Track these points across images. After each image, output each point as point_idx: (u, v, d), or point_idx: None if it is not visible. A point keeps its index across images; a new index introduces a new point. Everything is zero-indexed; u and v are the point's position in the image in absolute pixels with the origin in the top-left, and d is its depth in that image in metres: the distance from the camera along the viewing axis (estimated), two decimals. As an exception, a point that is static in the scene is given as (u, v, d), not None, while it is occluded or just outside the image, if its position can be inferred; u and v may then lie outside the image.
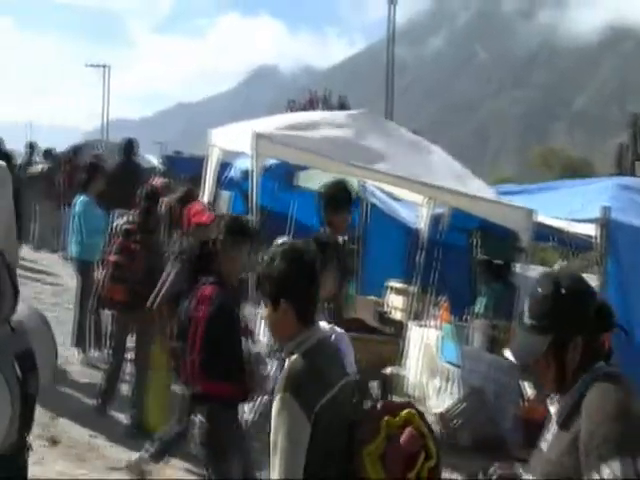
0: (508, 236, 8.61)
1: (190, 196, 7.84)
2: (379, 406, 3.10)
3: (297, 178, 11.95)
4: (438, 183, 8.12)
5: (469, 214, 8.78)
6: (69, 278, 11.34)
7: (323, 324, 3.72)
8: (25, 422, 2.76)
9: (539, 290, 2.58)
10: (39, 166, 16.75)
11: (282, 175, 11.64)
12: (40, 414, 7.01)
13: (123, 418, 7.24)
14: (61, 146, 20.21)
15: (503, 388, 7.92)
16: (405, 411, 3.01)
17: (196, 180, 11.66)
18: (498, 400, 7.94)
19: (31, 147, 18.00)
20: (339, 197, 6.43)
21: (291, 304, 3.05)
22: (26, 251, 14.94)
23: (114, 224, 7.45)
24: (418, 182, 8.03)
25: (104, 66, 55.21)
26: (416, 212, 10.12)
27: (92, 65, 56.03)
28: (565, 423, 2.48)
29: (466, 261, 11.08)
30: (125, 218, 7.36)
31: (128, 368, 7.64)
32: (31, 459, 6.06)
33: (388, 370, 7.45)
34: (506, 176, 51.75)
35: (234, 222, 5.21)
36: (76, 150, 17.85)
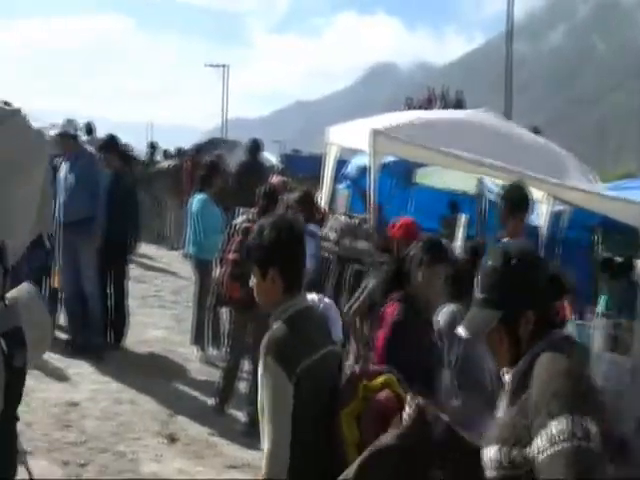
0: (630, 233, 8.27)
1: (309, 197, 7.79)
2: (357, 370, 3.22)
3: (415, 175, 11.80)
4: (557, 180, 7.86)
5: (590, 211, 8.46)
6: (188, 276, 11.49)
7: (311, 294, 3.79)
8: (13, 393, 2.81)
9: (489, 262, 2.51)
10: (165, 163, 17.11)
11: (399, 172, 11.53)
12: (159, 411, 7.17)
13: (241, 416, 7.23)
14: (181, 146, 20.63)
15: (625, 388, 7.58)
16: (383, 376, 3.10)
17: (314, 178, 11.64)
18: (619, 401, 7.60)
19: (152, 147, 18.47)
20: (516, 199, 6.23)
21: (279, 272, 3.13)
22: (148, 248, 15.31)
23: (233, 222, 7.46)
24: (537, 179, 7.78)
25: (223, 66, 56.11)
26: (536, 209, 9.85)
27: (212, 65, 57.07)
28: (517, 389, 2.38)
29: (587, 259, 10.71)
30: (244, 216, 7.37)
31: (246, 366, 7.63)
32: (149, 455, 6.18)
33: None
34: (629, 171, 49.90)
35: (430, 243, 4.66)
36: (199, 148, 18.16)
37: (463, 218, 10.09)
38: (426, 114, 11.13)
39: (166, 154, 19.17)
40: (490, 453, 2.33)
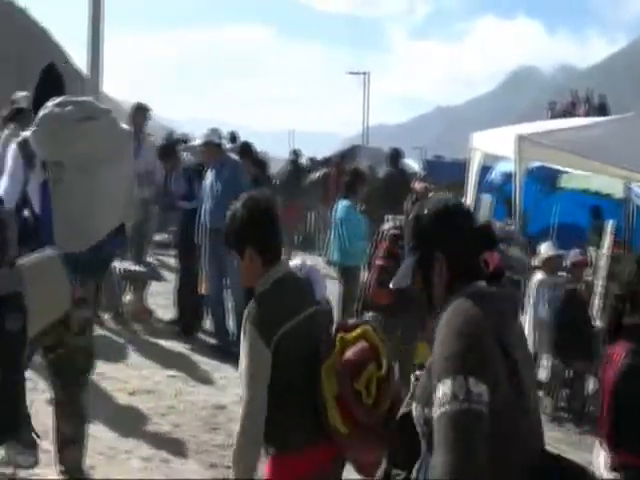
0: None
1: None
2: (336, 326, 3.31)
3: (560, 180, 11.61)
4: None
5: None
6: (332, 282, 11.68)
7: (296, 259, 3.83)
8: (6, 356, 2.85)
9: (410, 215, 2.56)
10: (316, 174, 17.39)
11: (544, 178, 11.37)
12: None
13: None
14: (321, 152, 20.81)
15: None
16: (360, 328, 3.22)
17: (457, 185, 11.61)
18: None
19: (295, 154, 18.75)
20: None
21: (255, 249, 3.23)
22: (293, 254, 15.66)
23: (380, 229, 7.58)
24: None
25: (364, 73, 56.30)
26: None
27: (353, 72, 57.36)
28: (431, 346, 2.31)
29: None
30: (391, 223, 7.47)
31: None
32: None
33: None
34: None
35: None
36: (343, 155, 18.33)
37: (610, 224, 9.87)
38: (570, 122, 10.94)
39: (313, 162, 19.47)
40: (414, 411, 2.38)
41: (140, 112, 9.91)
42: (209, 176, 8.68)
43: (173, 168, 9.47)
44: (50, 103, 4.29)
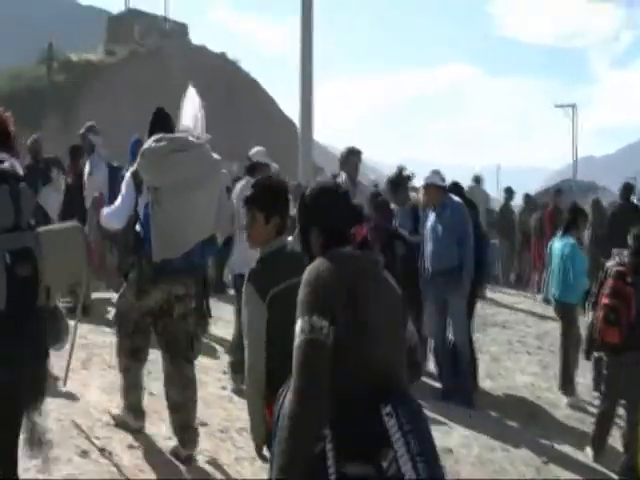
0: None
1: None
2: None
3: None
4: None
5: None
6: (551, 320, 11.33)
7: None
8: (19, 297, 3.47)
9: None
10: (535, 215, 17.14)
11: None
12: (531, 458, 7.09)
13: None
14: (529, 187, 20.33)
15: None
16: None
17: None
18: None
19: (509, 192, 18.45)
20: None
21: (279, 220, 3.85)
22: (499, 295, 15.48)
23: (605, 266, 7.27)
24: None
25: (571, 106, 54.82)
26: None
27: (560, 105, 55.96)
28: None
29: None
30: (617, 259, 7.16)
31: (620, 411, 7.37)
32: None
33: None
34: None
35: None
36: (558, 190, 17.87)
37: None
38: None
39: (529, 199, 19.07)
40: None
41: (352, 156, 10.07)
42: (430, 218, 8.64)
43: (402, 203, 9.46)
44: (150, 140, 5.52)
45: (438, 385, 8.75)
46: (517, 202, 19.41)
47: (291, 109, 48.39)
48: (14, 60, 49.92)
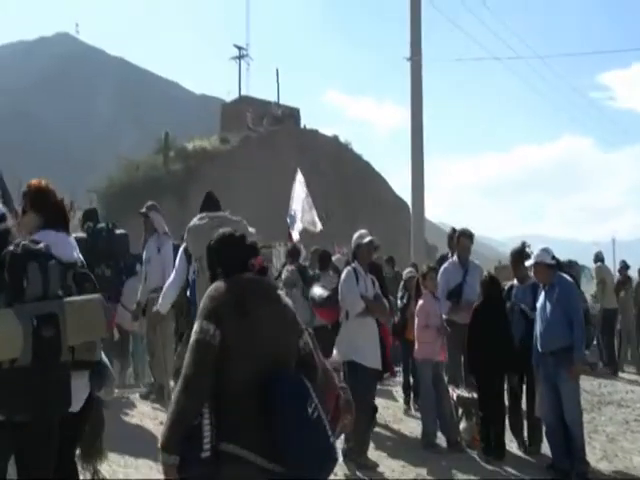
0: None
1: None
2: None
3: None
4: None
5: None
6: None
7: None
8: (44, 353, 3.99)
9: None
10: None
11: None
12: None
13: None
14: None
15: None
16: None
17: None
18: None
19: (625, 266, 17.82)
20: None
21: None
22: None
23: None
24: None
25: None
26: None
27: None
28: None
29: None
30: None
31: None
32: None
33: None
34: None
35: None
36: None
37: None
38: None
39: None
40: None
41: (464, 238, 9.91)
42: (541, 297, 8.37)
43: (523, 278, 9.17)
44: (195, 218, 6.97)
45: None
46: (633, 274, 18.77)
47: (403, 189, 48.56)
48: (133, 151, 52.00)
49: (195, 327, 3.60)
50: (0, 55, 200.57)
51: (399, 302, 11.00)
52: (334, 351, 7.83)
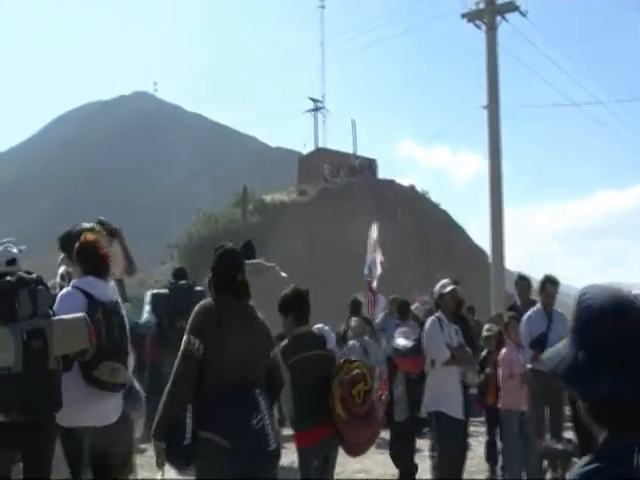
0: None
1: None
2: (342, 361, 5.89)
3: None
4: None
5: None
6: None
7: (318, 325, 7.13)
8: (33, 364, 4.71)
9: None
10: None
11: None
12: None
13: None
14: None
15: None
16: (357, 362, 5.89)
17: None
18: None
19: None
20: None
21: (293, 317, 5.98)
22: None
23: None
24: None
25: None
26: None
27: None
28: None
29: None
30: None
31: None
32: None
33: None
34: None
35: None
36: None
37: None
38: None
39: None
40: None
41: (549, 285, 9.78)
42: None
43: None
44: None
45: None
46: None
47: (481, 238, 48.04)
48: (211, 205, 52.88)
49: (184, 339, 4.50)
50: (80, 113, 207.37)
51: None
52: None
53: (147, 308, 9.22)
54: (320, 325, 7.16)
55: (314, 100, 58.25)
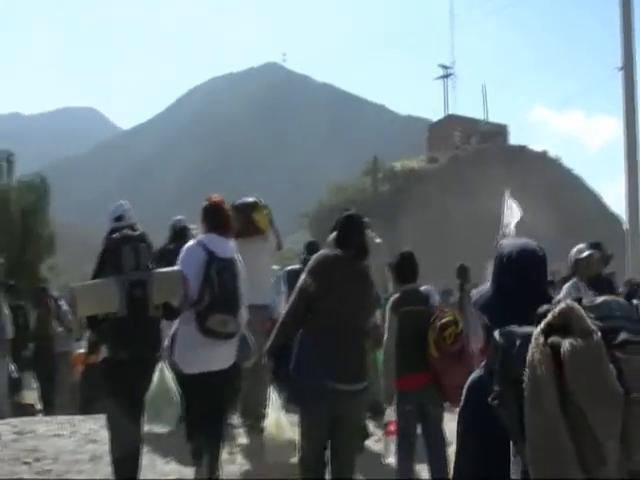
0: None
1: None
2: (438, 311, 6.04)
3: None
4: None
5: None
6: None
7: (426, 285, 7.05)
8: (134, 308, 5.26)
9: None
10: None
11: None
12: None
13: None
14: None
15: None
16: (449, 312, 6.16)
17: None
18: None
19: None
20: None
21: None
22: None
23: None
24: None
25: None
26: None
27: None
28: None
29: None
30: None
31: None
32: None
33: None
34: None
35: None
36: None
37: None
38: None
39: None
40: None
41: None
42: None
43: None
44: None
45: None
46: None
47: (616, 203, 46.66)
48: (341, 174, 53.35)
49: (301, 278, 5.01)
50: (210, 87, 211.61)
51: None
52: None
53: (283, 289, 9.34)
54: (426, 286, 7.38)
55: (444, 67, 57.74)
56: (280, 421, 5.78)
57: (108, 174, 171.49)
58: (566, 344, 1.69)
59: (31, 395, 11.52)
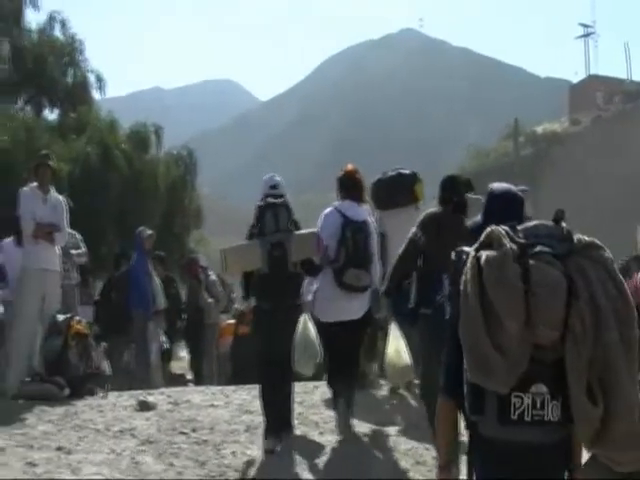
0: None
1: None
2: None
3: None
4: None
5: None
6: None
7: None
8: (276, 267, 6.04)
9: None
10: None
11: None
12: None
13: None
14: None
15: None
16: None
17: None
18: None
19: None
20: None
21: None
22: None
23: None
24: None
25: None
26: None
27: None
28: None
29: None
30: None
31: None
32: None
33: None
34: None
35: None
36: None
37: None
38: None
39: None
40: None
41: None
42: None
43: None
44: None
45: None
46: None
47: None
48: (481, 139, 52.99)
49: (412, 230, 5.71)
50: (347, 55, 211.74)
51: None
52: None
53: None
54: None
55: (585, 26, 56.25)
56: (399, 348, 6.19)
57: (248, 145, 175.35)
58: (483, 255, 2.56)
59: (179, 366, 12.21)
